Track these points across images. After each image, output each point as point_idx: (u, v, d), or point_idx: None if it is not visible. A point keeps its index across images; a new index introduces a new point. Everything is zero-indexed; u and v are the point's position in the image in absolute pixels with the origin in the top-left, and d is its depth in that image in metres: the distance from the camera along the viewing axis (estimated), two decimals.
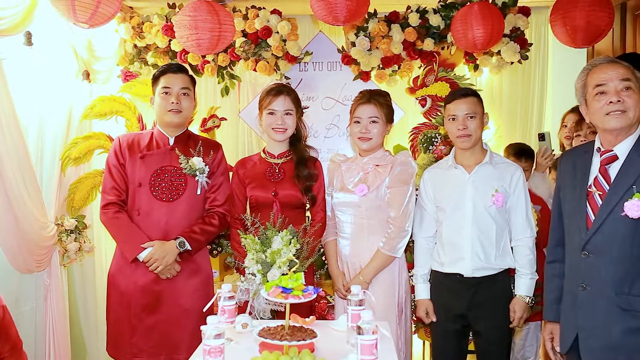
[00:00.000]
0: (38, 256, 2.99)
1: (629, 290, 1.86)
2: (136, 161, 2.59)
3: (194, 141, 2.71)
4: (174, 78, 2.63)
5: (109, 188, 2.59)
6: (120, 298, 2.56)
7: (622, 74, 1.92)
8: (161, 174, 2.58)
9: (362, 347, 1.71)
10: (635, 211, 1.83)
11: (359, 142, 2.65)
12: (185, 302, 2.57)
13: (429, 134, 3.64)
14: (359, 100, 2.64)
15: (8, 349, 2.13)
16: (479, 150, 2.54)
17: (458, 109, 2.49)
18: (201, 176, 2.61)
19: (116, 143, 2.66)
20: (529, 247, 2.46)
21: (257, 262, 2.14)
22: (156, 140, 2.67)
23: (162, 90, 2.62)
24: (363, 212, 2.60)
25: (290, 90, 2.73)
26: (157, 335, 2.54)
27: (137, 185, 2.57)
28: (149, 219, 2.55)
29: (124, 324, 2.55)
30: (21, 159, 2.80)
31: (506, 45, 3.62)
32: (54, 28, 3.13)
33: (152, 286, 2.54)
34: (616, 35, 3.66)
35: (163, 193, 2.56)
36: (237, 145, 4.40)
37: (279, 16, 3.69)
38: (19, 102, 2.81)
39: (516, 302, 2.47)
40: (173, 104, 2.60)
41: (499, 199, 2.43)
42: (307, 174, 2.67)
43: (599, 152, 2.01)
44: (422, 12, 3.65)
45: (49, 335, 3.14)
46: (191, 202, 2.60)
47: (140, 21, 3.79)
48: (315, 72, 3.95)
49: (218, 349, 1.73)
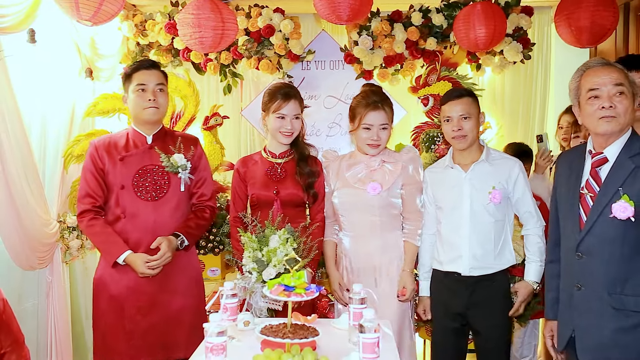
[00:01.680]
0: (40, 253, 3.00)
1: (621, 290, 1.89)
2: (116, 164, 2.53)
3: (171, 137, 2.67)
4: (148, 74, 2.56)
5: (82, 195, 2.53)
6: (112, 303, 2.50)
7: (615, 79, 1.93)
8: (143, 174, 2.54)
9: (364, 346, 1.72)
10: (622, 212, 1.86)
11: (369, 149, 2.61)
12: (180, 300, 2.56)
13: (431, 133, 3.64)
14: (367, 106, 2.56)
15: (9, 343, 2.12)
16: (475, 149, 2.53)
17: (452, 110, 2.49)
18: (184, 173, 2.58)
19: (92, 149, 2.57)
20: (539, 235, 2.48)
21: (253, 260, 2.15)
22: (133, 140, 2.60)
23: (137, 87, 2.54)
24: (376, 210, 2.59)
25: (297, 92, 2.72)
26: (154, 336, 2.51)
27: (119, 188, 2.51)
28: (136, 220, 2.50)
29: (118, 329, 2.49)
30: (24, 156, 2.80)
31: (509, 45, 3.62)
32: (57, 26, 3.13)
33: (145, 288, 2.49)
34: (619, 35, 3.66)
35: (147, 193, 2.52)
36: (239, 143, 4.40)
37: (282, 15, 3.69)
38: (22, 99, 2.82)
39: (521, 285, 2.49)
40: (150, 101, 2.53)
41: (497, 196, 2.43)
42: (308, 171, 2.68)
43: (590, 154, 2.04)
44: (424, 12, 3.66)
45: (50, 332, 3.14)
46: (176, 200, 2.58)
47: (143, 19, 3.80)
48: (317, 70, 3.95)
49: (220, 346, 1.74)
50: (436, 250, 2.60)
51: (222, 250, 3.51)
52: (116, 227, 2.50)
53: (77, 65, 3.40)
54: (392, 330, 2.21)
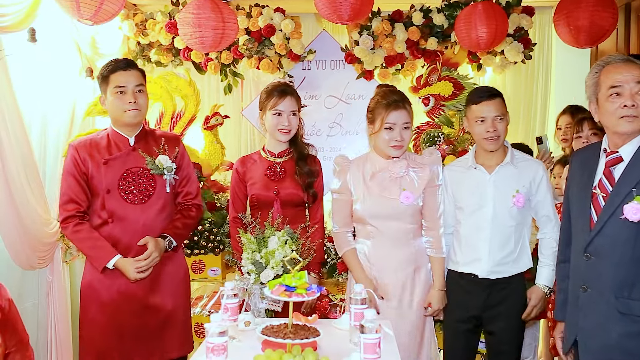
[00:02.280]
0: (40, 253, 3.00)
1: (629, 294, 1.84)
2: (99, 167, 2.47)
3: (153, 138, 2.62)
4: (127, 75, 2.47)
5: (65, 201, 2.47)
6: (103, 308, 2.46)
7: (637, 76, 1.86)
8: (128, 177, 2.49)
9: (365, 346, 1.72)
10: (634, 214, 1.80)
11: (392, 150, 2.49)
12: (171, 301, 2.55)
13: (431, 133, 3.64)
14: (389, 106, 2.46)
15: (14, 343, 2.10)
16: (501, 150, 2.50)
17: (486, 110, 2.42)
18: (169, 174, 2.55)
19: (73, 152, 2.49)
20: (554, 239, 2.43)
21: (252, 262, 2.14)
22: (115, 142, 2.53)
23: (116, 89, 2.46)
24: (408, 218, 2.51)
25: (293, 89, 2.72)
26: (148, 338, 2.50)
27: (105, 192, 2.46)
28: (124, 223, 2.47)
29: (111, 334, 2.45)
30: (24, 156, 2.80)
31: (510, 45, 3.62)
32: (57, 25, 3.13)
33: (136, 291, 2.47)
34: (620, 35, 3.65)
35: (134, 196, 2.48)
36: (240, 143, 4.40)
37: (283, 14, 3.69)
38: (22, 98, 2.81)
39: (534, 290, 2.47)
40: (131, 103, 2.46)
41: (520, 200, 2.41)
42: (308, 170, 2.67)
43: (605, 152, 1.98)
44: (425, 11, 3.65)
45: (50, 332, 3.14)
46: (162, 201, 2.55)
47: (144, 18, 3.79)
48: (318, 70, 3.94)
49: (221, 346, 1.73)
50: (452, 250, 2.56)
51: (222, 250, 3.51)
52: (103, 231, 2.46)
53: (78, 64, 3.40)
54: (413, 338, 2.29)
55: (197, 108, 3.75)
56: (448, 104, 3.69)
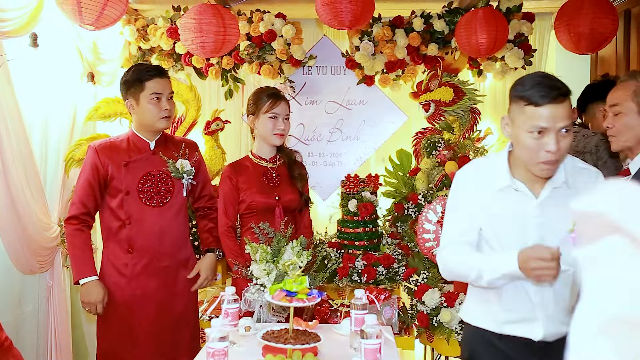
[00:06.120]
0: (41, 257, 2.99)
1: None
2: (120, 169, 2.51)
3: (172, 143, 2.68)
4: (163, 83, 2.54)
5: (74, 200, 2.54)
6: (117, 310, 2.50)
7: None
8: (148, 180, 2.54)
9: (365, 351, 1.72)
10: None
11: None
12: (183, 305, 2.59)
13: (432, 138, 3.64)
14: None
15: None
16: None
17: (551, 118, 1.60)
18: (188, 178, 2.61)
19: (93, 154, 2.52)
20: None
21: (268, 273, 2.04)
22: (135, 146, 2.58)
23: (153, 96, 2.49)
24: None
25: (283, 94, 2.76)
26: (160, 341, 2.52)
27: (124, 194, 2.50)
28: (141, 226, 2.51)
29: (125, 336, 2.49)
30: (25, 160, 2.80)
31: (510, 51, 3.63)
32: (59, 30, 3.13)
33: (152, 294, 2.51)
34: (620, 42, 3.66)
35: (152, 199, 2.53)
36: (240, 148, 4.39)
37: (284, 20, 3.70)
38: (24, 103, 2.82)
39: None
40: (166, 110, 2.53)
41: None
42: (299, 174, 2.71)
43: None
44: (426, 17, 3.66)
45: (50, 336, 3.13)
46: (179, 205, 2.61)
47: (145, 24, 3.80)
48: (319, 76, 3.96)
49: (222, 351, 1.73)
50: (487, 303, 1.82)
51: (223, 256, 3.50)
52: (121, 233, 2.52)
53: (79, 69, 3.40)
54: None
55: (198, 113, 3.76)
56: (449, 109, 3.69)
